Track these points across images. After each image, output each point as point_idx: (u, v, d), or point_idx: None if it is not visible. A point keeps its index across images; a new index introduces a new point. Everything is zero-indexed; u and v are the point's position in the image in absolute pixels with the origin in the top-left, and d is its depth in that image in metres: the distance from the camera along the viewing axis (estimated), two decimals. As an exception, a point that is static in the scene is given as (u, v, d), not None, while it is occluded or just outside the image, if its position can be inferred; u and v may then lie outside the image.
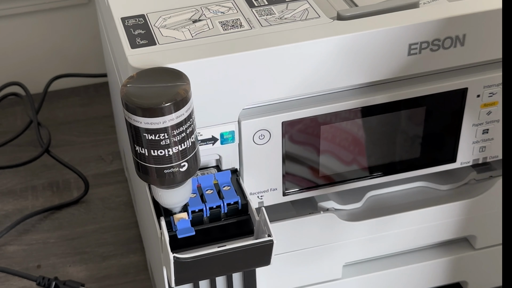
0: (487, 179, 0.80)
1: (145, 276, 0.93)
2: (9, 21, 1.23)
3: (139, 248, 0.97)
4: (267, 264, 0.65)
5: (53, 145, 1.11)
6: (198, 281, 0.70)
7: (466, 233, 0.82)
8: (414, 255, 0.83)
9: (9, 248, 0.98)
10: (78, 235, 1.00)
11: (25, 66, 1.27)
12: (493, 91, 0.72)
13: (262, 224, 0.65)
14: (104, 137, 1.17)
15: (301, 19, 0.67)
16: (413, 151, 0.74)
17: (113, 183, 1.08)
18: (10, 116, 1.23)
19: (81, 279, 0.93)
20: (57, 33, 1.26)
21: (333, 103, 0.69)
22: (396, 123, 0.72)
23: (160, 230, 0.65)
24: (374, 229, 0.78)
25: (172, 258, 0.61)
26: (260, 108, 0.68)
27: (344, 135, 0.71)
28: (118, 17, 0.69)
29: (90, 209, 1.04)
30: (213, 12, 0.69)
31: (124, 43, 0.65)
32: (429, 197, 0.80)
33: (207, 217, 0.67)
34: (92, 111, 1.23)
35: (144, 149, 0.60)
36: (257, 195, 0.72)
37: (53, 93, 1.26)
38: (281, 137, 0.69)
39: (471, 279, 0.86)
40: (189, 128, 0.60)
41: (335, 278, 0.81)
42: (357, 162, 0.74)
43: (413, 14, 0.67)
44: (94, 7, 1.06)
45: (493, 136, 0.75)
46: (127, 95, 0.58)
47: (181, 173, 0.61)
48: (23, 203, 1.05)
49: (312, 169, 0.73)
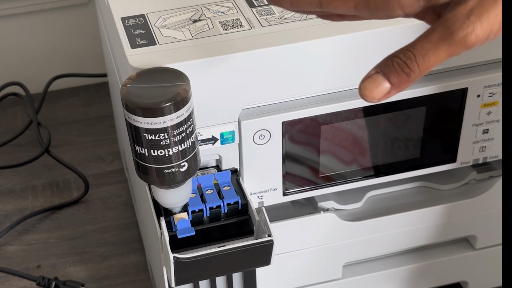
0: (487, 179, 0.80)
1: (145, 276, 0.93)
2: (9, 21, 1.23)
3: (139, 248, 0.97)
4: (267, 264, 0.65)
5: (53, 145, 1.11)
6: (198, 281, 0.70)
7: (466, 233, 0.82)
8: (414, 255, 0.83)
9: (9, 248, 0.98)
10: (78, 235, 1.00)
11: (25, 66, 1.27)
12: (493, 91, 0.72)
13: (262, 224, 0.65)
14: (104, 137, 1.17)
15: (301, 19, 0.67)
16: (413, 151, 0.74)
17: (113, 183, 1.08)
18: (10, 116, 1.22)
19: (81, 279, 0.93)
20: (57, 33, 1.26)
21: (333, 103, 0.69)
22: (396, 123, 0.72)
23: (160, 230, 0.65)
24: (374, 229, 0.78)
25: (172, 258, 0.61)
26: (260, 108, 0.68)
27: (344, 135, 0.71)
28: (118, 17, 0.69)
29: (90, 209, 1.04)
30: (213, 12, 0.69)
31: (124, 43, 0.65)
32: (429, 197, 0.80)
33: (207, 217, 0.67)
34: (92, 111, 1.23)
35: (144, 149, 0.60)
36: (257, 195, 0.72)
37: (53, 93, 1.26)
38: (281, 137, 0.69)
39: (471, 279, 0.86)
40: (189, 128, 0.60)
41: (335, 278, 0.81)
42: (357, 162, 0.74)
43: (413, 14, 0.67)
44: (94, 7, 1.06)
45: (493, 136, 0.75)
46: (127, 95, 0.58)
47: (181, 173, 0.61)
48: (23, 203, 1.05)
49: (312, 169, 0.73)
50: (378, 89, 0.49)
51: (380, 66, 0.49)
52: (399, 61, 0.48)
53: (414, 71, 0.48)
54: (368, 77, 0.49)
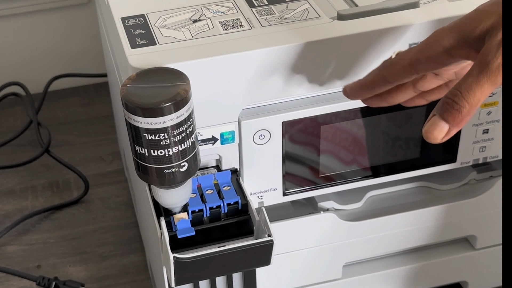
0: (487, 179, 0.80)
1: (145, 276, 0.93)
2: (9, 21, 1.23)
3: (139, 248, 0.97)
4: (267, 264, 0.65)
5: (53, 145, 1.11)
6: (198, 281, 0.70)
7: (466, 233, 0.82)
8: (414, 255, 0.83)
9: (9, 248, 0.98)
10: (78, 235, 1.00)
11: (25, 66, 1.27)
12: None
13: (262, 224, 0.65)
14: (104, 137, 1.17)
15: (301, 19, 0.67)
16: (413, 151, 0.74)
17: (113, 183, 1.08)
18: (10, 116, 1.23)
19: (81, 279, 0.93)
20: (57, 33, 1.26)
21: (333, 103, 0.69)
22: (396, 123, 0.72)
23: (160, 230, 0.65)
24: (374, 229, 0.78)
25: (172, 258, 0.61)
26: (260, 108, 0.68)
27: (344, 135, 0.71)
28: (118, 17, 0.69)
29: (90, 209, 1.04)
30: (213, 12, 0.69)
31: (124, 43, 0.65)
32: (429, 197, 0.80)
33: (207, 217, 0.67)
34: (92, 111, 1.23)
35: (144, 149, 0.60)
36: (257, 195, 0.72)
37: (53, 93, 1.26)
38: (281, 137, 0.69)
39: (471, 279, 0.86)
40: (189, 128, 0.60)
41: (335, 278, 0.81)
42: (357, 162, 0.74)
43: (413, 14, 0.67)
44: (94, 7, 1.06)
45: (493, 136, 0.75)
46: (127, 95, 0.58)
47: (181, 173, 0.61)
48: (23, 203, 1.05)
49: (312, 169, 0.73)
50: (438, 130, 0.54)
51: (436, 108, 0.54)
52: (449, 100, 0.53)
53: (463, 106, 0.52)
54: (428, 121, 0.54)
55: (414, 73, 0.58)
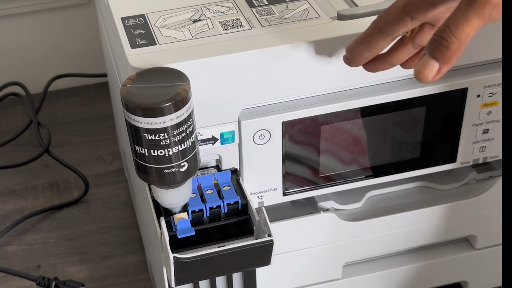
0: (487, 179, 0.80)
1: (145, 276, 0.93)
2: (9, 21, 1.23)
3: (139, 248, 0.97)
4: (267, 264, 0.65)
5: (53, 145, 1.11)
6: (198, 281, 0.70)
7: (466, 233, 0.82)
8: (414, 255, 0.83)
9: (9, 248, 0.98)
10: (78, 235, 1.00)
11: (25, 66, 1.27)
12: (493, 91, 0.72)
13: (262, 224, 0.65)
14: (104, 137, 1.17)
15: (301, 19, 0.67)
16: (413, 151, 0.74)
17: (113, 183, 1.08)
18: (10, 116, 1.23)
19: (81, 279, 0.93)
20: (57, 33, 1.26)
21: (333, 103, 0.69)
22: (396, 123, 0.72)
23: (160, 230, 0.65)
24: (374, 229, 0.78)
25: (172, 258, 0.61)
26: (260, 108, 0.68)
27: (344, 135, 0.71)
28: (118, 17, 0.69)
29: (90, 209, 1.04)
30: (213, 12, 0.69)
31: (124, 43, 0.65)
32: (429, 197, 0.80)
33: (207, 217, 0.67)
34: (92, 111, 1.23)
35: (144, 149, 0.60)
36: (257, 195, 0.72)
37: (53, 93, 1.26)
38: (281, 137, 0.69)
39: (471, 279, 0.86)
40: (189, 128, 0.60)
41: (335, 278, 0.81)
42: (357, 162, 0.74)
43: (413, 14, 0.67)
44: (94, 7, 1.06)
45: (493, 136, 0.75)
46: (127, 95, 0.58)
47: (181, 173, 0.61)
48: (23, 203, 1.05)
49: (312, 169, 0.73)
50: (428, 69, 0.53)
51: (426, 48, 0.53)
52: (437, 38, 0.52)
53: (452, 42, 0.51)
54: (419, 62, 0.53)
55: (407, 18, 0.57)
